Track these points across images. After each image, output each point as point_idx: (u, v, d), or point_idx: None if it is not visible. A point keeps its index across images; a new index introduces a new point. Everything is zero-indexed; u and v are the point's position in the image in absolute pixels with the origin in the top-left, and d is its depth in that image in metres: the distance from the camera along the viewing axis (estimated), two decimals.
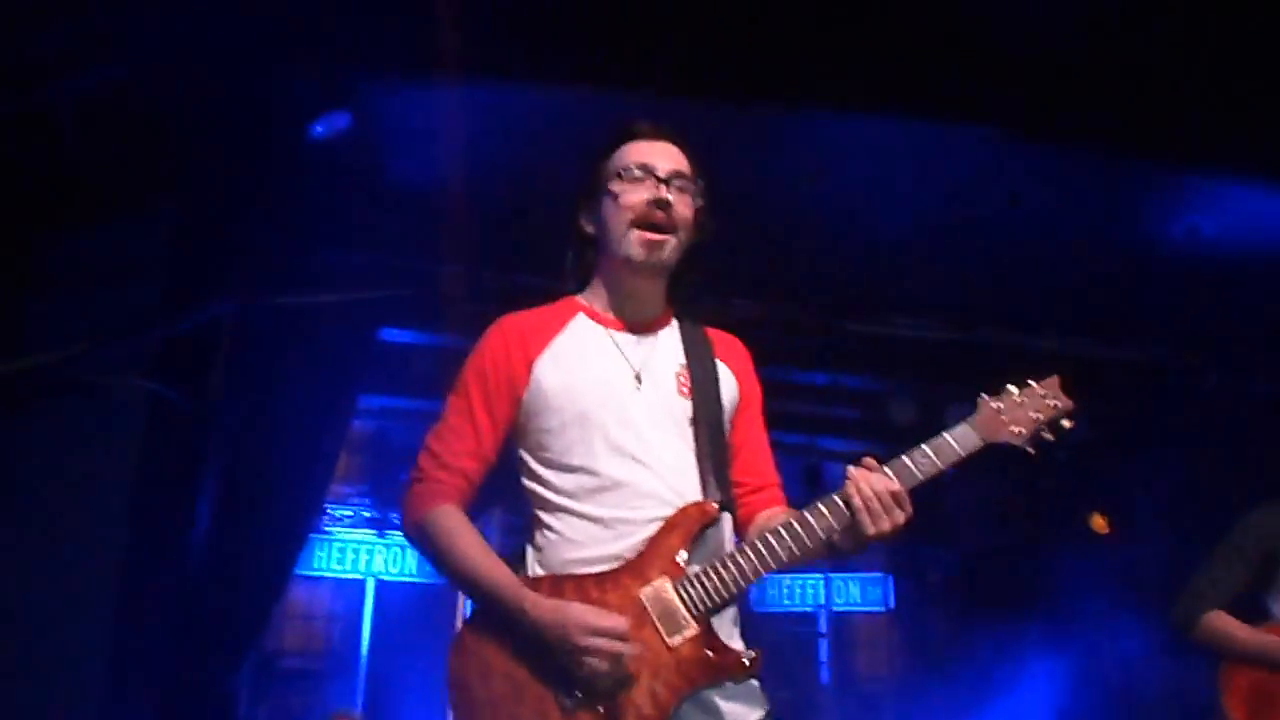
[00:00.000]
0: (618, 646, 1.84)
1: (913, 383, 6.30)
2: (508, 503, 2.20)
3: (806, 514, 1.95)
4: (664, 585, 1.92)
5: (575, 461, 2.02)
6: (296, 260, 4.81)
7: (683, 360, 2.15)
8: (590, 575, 1.95)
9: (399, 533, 7.50)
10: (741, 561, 1.93)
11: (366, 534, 7.61)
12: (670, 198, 2.08)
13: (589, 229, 2.18)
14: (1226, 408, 6.12)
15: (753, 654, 1.95)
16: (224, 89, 3.85)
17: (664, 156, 2.14)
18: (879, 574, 8.79)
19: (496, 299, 5.06)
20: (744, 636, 2.06)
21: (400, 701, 6.91)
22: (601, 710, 1.85)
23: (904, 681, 8.63)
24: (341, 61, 3.85)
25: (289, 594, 7.59)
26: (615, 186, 2.11)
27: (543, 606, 1.88)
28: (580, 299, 2.22)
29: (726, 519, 2.06)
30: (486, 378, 2.09)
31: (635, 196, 2.09)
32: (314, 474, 5.23)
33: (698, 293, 2.29)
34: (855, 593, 8.87)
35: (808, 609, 8.89)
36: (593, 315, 2.18)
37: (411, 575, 7.56)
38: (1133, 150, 4.36)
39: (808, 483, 7.31)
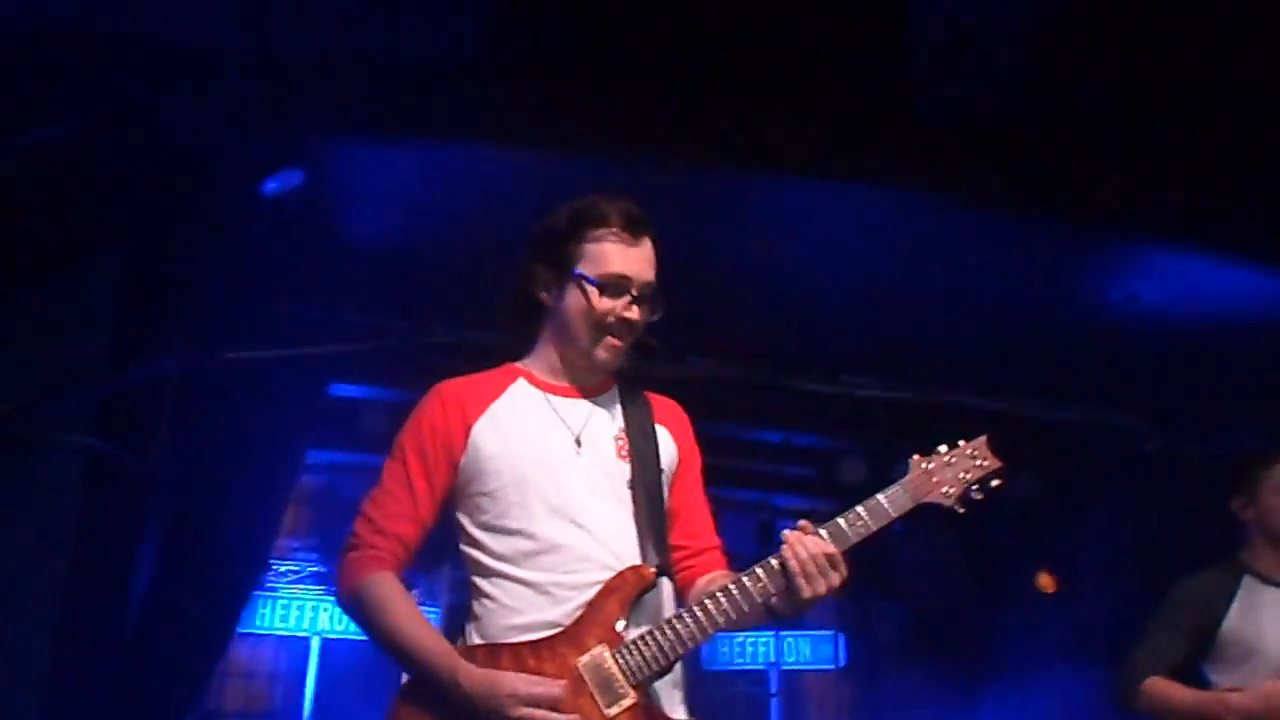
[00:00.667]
0: (550, 717, 1.82)
1: (863, 441, 6.35)
2: (457, 559, 2.18)
3: (744, 579, 1.96)
4: (602, 654, 1.91)
5: (513, 525, 2.02)
6: (245, 314, 4.77)
7: (621, 424, 2.16)
8: (526, 644, 1.94)
9: None
10: (679, 628, 1.93)
11: (313, 590, 7.47)
12: (638, 320, 2.12)
13: (545, 298, 2.17)
14: (1167, 469, 6.24)
15: None
16: (175, 144, 3.84)
17: (640, 266, 2.13)
18: (830, 631, 8.78)
19: (447, 354, 5.07)
20: (688, 700, 2.05)
21: None
22: None
23: None
24: (295, 119, 3.86)
25: (231, 652, 7.43)
26: (591, 291, 2.09)
27: (474, 676, 1.86)
28: (520, 365, 2.23)
29: (665, 584, 2.07)
30: (424, 443, 2.08)
31: (608, 306, 2.09)
32: (259, 530, 5.15)
33: (645, 354, 2.31)
34: (806, 650, 8.84)
35: (759, 667, 8.84)
36: (532, 380, 2.19)
37: (358, 633, 7.41)
38: (1073, 218, 4.47)
39: (760, 540, 7.30)
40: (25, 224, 3.92)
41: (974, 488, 2.06)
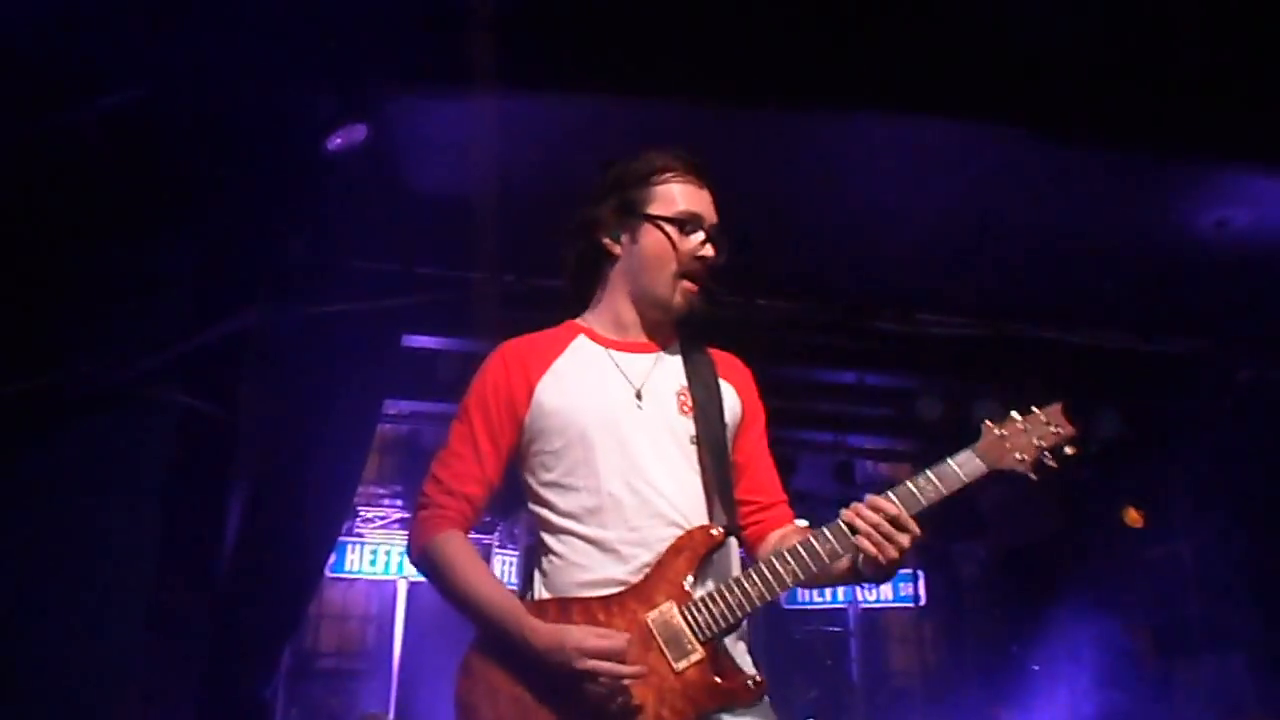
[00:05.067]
0: (617, 669, 1.84)
1: (940, 380, 6.26)
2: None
3: (812, 539, 1.94)
4: (670, 610, 1.92)
5: (578, 483, 2.02)
6: (321, 270, 4.87)
7: (684, 380, 2.15)
8: (597, 599, 1.95)
9: None
10: (748, 586, 1.93)
11: (398, 534, 7.66)
12: (713, 258, 2.14)
13: (613, 247, 2.18)
14: (1260, 400, 6.05)
15: (759, 678, 1.94)
16: (244, 104, 3.89)
17: (707, 207, 2.17)
18: (909, 570, 8.75)
19: (519, 303, 5.12)
20: (753, 653, 2.06)
21: (430, 702, 6.97)
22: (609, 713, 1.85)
23: (935, 678, 8.60)
24: (356, 75, 3.88)
25: (325, 594, 7.70)
26: (670, 230, 2.12)
27: (541, 631, 1.89)
28: (581, 321, 2.23)
29: (732, 542, 2.06)
30: (488, 404, 2.09)
31: (687, 246, 2.12)
32: (342, 478, 5.30)
33: (711, 301, 2.30)
34: (885, 589, 8.83)
35: (837, 605, 8.86)
36: (593, 337, 2.18)
37: None
38: (1160, 145, 4.30)
39: (840, 480, 7.29)
40: (107, 186, 4.02)
41: (1048, 455, 2.01)
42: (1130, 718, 6.43)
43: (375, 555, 7.66)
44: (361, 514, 7.66)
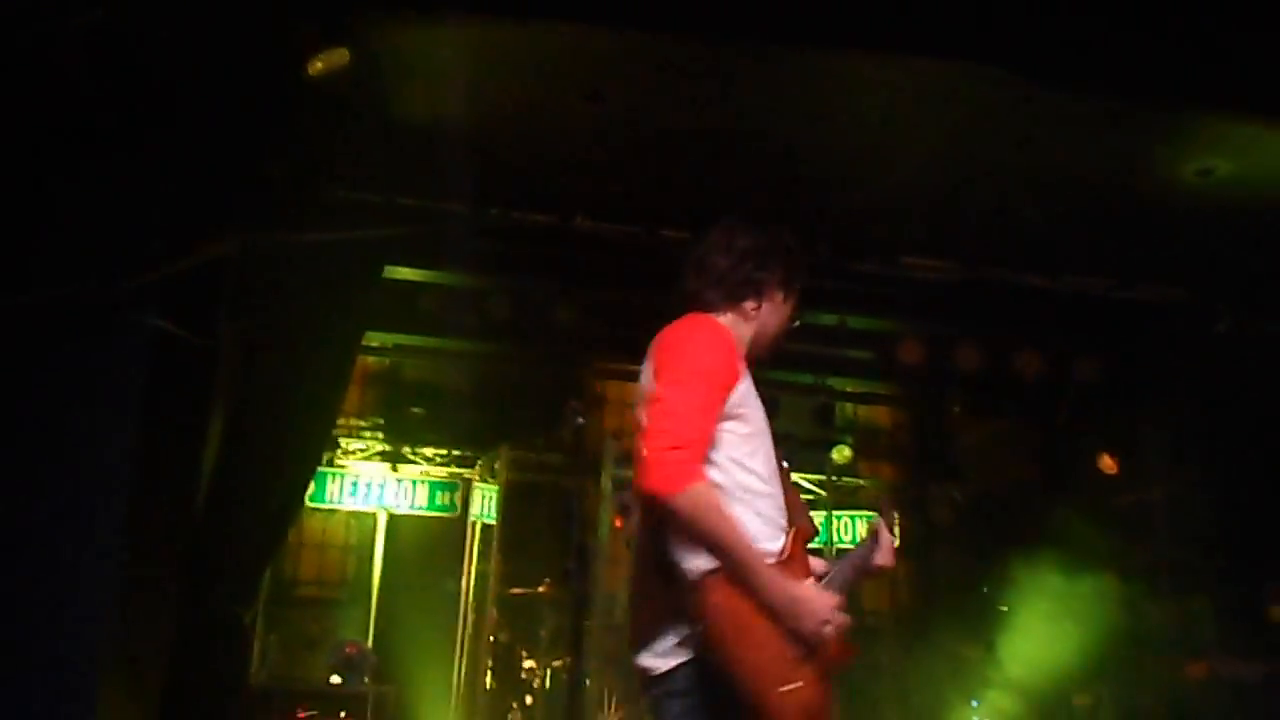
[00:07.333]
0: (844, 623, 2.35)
1: (922, 323, 6.29)
2: None
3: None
4: (812, 584, 2.40)
5: (756, 466, 2.37)
6: (302, 198, 4.83)
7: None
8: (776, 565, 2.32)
9: (411, 465, 7.62)
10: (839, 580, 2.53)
11: (379, 466, 7.69)
12: None
13: (770, 293, 2.57)
14: (1238, 349, 6.09)
15: None
16: (224, 23, 3.83)
17: None
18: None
19: (501, 236, 5.10)
20: None
21: (407, 632, 7.07)
22: (815, 658, 2.30)
23: (907, 616, 8.72)
24: None
25: (306, 524, 7.75)
26: (791, 319, 2.67)
27: (793, 582, 2.29)
28: (732, 331, 2.52)
29: None
30: (716, 376, 2.34)
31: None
32: (321, 407, 5.30)
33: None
34: (860, 530, 8.93)
35: (813, 545, 8.95)
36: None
37: (422, 509, 7.65)
38: (1144, 91, 4.28)
39: (819, 422, 7.31)
40: (84, 106, 3.96)
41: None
42: (1096, 659, 6.55)
43: (355, 486, 7.67)
44: (342, 445, 7.67)
